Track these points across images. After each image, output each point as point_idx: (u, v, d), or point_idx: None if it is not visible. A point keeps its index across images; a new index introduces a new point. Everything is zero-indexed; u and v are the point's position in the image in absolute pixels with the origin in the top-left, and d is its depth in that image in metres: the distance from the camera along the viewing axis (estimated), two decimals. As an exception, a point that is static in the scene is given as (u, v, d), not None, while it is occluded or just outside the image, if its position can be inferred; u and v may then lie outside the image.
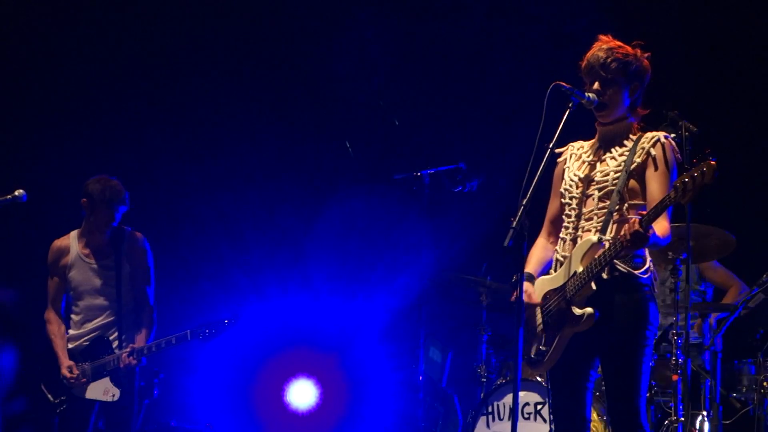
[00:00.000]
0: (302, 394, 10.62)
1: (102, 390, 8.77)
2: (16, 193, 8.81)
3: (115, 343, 8.80)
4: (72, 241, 9.05)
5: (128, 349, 8.66)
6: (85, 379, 8.72)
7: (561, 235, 6.66)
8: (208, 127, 11.98)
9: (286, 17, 12.08)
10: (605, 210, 6.46)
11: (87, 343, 8.85)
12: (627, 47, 6.63)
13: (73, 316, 8.95)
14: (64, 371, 8.70)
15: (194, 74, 12.02)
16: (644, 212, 6.17)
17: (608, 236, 6.37)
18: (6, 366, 9.59)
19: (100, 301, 8.89)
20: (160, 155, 11.62)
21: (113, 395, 8.74)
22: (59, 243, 9.08)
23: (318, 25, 12.04)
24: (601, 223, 6.46)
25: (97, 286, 8.91)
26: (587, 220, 6.52)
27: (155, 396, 9.84)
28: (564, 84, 6.49)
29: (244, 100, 11.98)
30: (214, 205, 11.63)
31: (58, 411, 8.74)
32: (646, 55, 6.67)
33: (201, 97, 11.94)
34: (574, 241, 6.55)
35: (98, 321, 8.88)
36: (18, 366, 9.41)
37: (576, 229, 6.56)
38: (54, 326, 8.91)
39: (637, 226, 6.05)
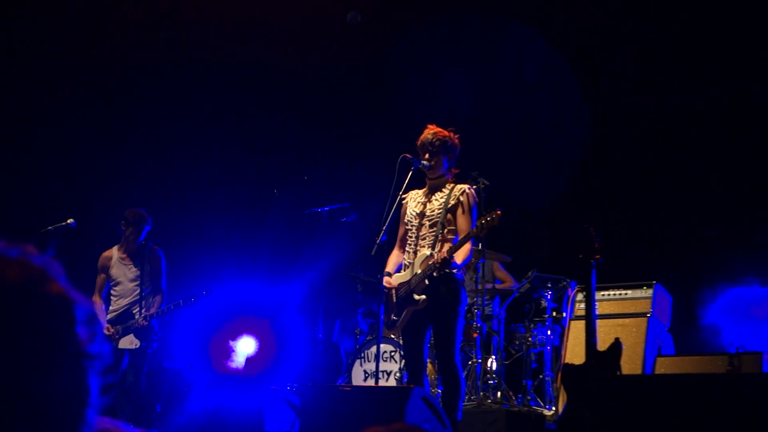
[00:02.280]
0: (247, 345, 10.50)
1: (129, 342, 8.75)
2: (69, 221, 8.73)
3: (137, 314, 8.76)
4: (114, 251, 9.01)
5: (142, 315, 8.69)
6: (117, 336, 8.68)
7: (407, 249, 6.72)
8: (191, 174, 11.84)
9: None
10: (434, 233, 6.55)
11: (119, 313, 8.82)
12: (445, 131, 6.71)
13: (112, 297, 8.92)
14: (104, 330, 8.67)
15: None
16: (454, 244, 6.32)
17: (436, 250, 6.47)
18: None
19: (131, 287, 8.86)
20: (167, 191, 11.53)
21: (135, 344, 8.75)
22: (106, 252, 9.06)
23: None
24: (431, 242, 6.53)
25: (129, 278, 8.89)
26: (422, 239, 6.60)
27: (155, 347, 9.73)
28: (408, 155, 6.62)
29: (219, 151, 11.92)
30: (199, 225, 11.56)
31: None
32: (457, 136, 6.76)
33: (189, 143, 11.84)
34: (415, 252, 6.62)
35: (128, 299, 8.86)
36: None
37: (416, 245, 6.64)
38: (98, 306, 8.85)
39: (445, 254, 6.30)
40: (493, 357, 8.80)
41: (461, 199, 6.56)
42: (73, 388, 1.35)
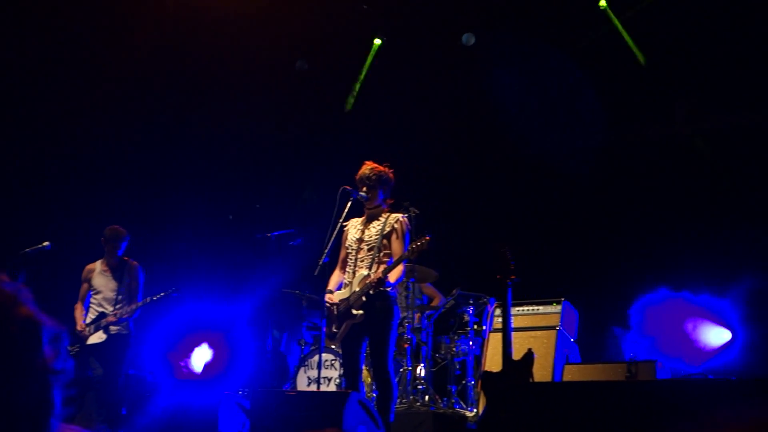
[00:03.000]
0: (203, 354, 10.38)
1: (97, 337, 8.50)
2: (44, 243, 8.52)
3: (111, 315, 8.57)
4: (97, 264, 8.83)
5: (114, 314, 8.52)
6: (89, 333, 8.50)
7: (347, 269, 6.70)
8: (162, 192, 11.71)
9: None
10: (371, 256, 6.56)
11: (96, 316, 8.61)
12: (381, 167, 6.75)
13: (92, 305, 8.68)
14: (78, 328, 8.55)
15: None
16: (389, 265, 6.34)
17: (372, 270, 6.48)
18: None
19: (110, 296, 8.65)
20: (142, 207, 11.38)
21: (102, 338, 8.49)
22: (90, 265, 8.88)
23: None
24: (369, 264, 6.54)
25: (109, 288, 8.68)
26: (361, 261, 6.60)
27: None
28: (348, 187, 6.64)
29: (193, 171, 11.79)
30: (165, 243, 11.41)
31: (72, 353, 8.44)
32: (391, 171, 6.78)
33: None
34: (354, 273, 6.61)
35: (107, 305, 8.62)
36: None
37: (355, 266, 6.64)
38: (78, 312, 8.66)
39: (380, 275, 6.33)
40: (422, 365, 8.76)
41: (395, 226, 6.59)
42: (39, 400, 1.32)
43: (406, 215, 6.87)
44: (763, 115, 9.77)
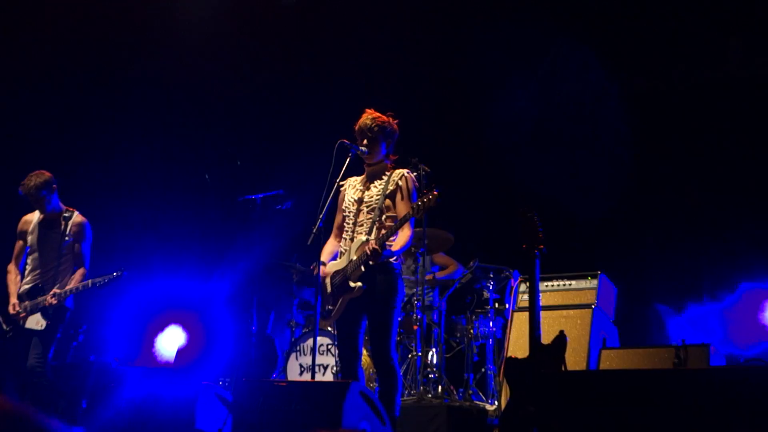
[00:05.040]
0: (176, 337, 10.40)
1: (35, 321, 8.17)
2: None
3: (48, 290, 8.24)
4: (35, 214, 8.45)
5: (54, 294, 8.12)
6: (24, 313, 8.18)
7: (343, 236, 6.70)
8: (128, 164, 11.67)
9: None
10: (371, 219, 6.55)
11: (31, 287, 8.30)
12: (384, 116, 6.71)
13: (27, 267, 8.39)
14: (10, 309, 8.28)
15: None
16: (391, 229, 6.31)
17: (372, 236, 6.47)
18: None
19: (49, 256, 8.32)
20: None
21: (41, 325, 8.14)
22: (27, 216, 8.53)
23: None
24: (369, 228, 6.52)
25: (47, 247, 8.33)
26: (360, 226, 6.59)
27: (80, 340, 9.54)
28: (346, 141, 6.59)
29: (150, 147, 11.72)
30: (127, 216, 11.36)
31: (7, 336, 8.31)
32: (396, 121, 6.74)
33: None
34: (351, 239, 6.60)
35: (44, 270, 8.31)
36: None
37: (353, 232, 6.62)
38: (12, 277, 8.40)
39: (374, 245, 6.31)
40: (434, 350, 8.78)
41: (400, 183, 6.57)
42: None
43: (413, 173, 6.81)
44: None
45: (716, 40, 10.14)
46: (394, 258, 6.47)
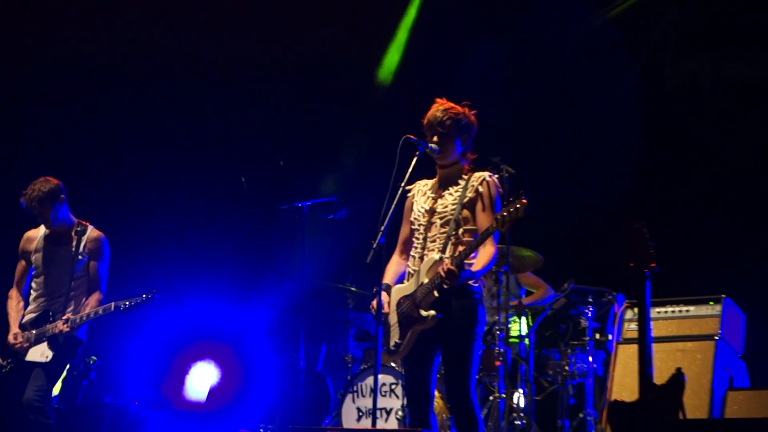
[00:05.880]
0: (207, 374, 10.48)
1: (39, 353, 8.11)
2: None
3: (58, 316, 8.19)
4: (40, 230, 8.47)
5: (65, 320, 8.06)
6: (28, 344, 8.14)
7: (411, 253, 6.68)
8: (146, 168, 11.75)
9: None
10: (445, 234, 6.50)
11: (37, 315, 8.29)
12: (458, 107, 6.68)
13: (32, 293, 8.39)
14: (10, 339, 8.24)
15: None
16: (470, 246, 6.30)
17: (447, 254, 6.42)
18: None
19: (59, 279, 8.30)
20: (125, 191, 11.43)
21: (47, 357, 8.08)
22: (30, 232, 8.54)
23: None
24: (443, 245, 6.48)
25: (55, 267, 8.33)
26: (432, 242, 6.55)
27: (92, 377, 9.61)
28: (412, 137, 6.55)
29: (172, 147, 11.79)
30: (144, 230, 11.44)
31: (3, 371, 8.29)
32: (473, 112, 6.70)
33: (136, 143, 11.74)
34: (421, 258, 6.57)
35: (53, 295, 8.29)
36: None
37: (423, 248, 6.59)
38: (13, 304, 8.41)
39: (449, 265, 6.25)
40: (521, 391, 8.76)
41: (480, 189, 6.53)
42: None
43: (496, 175, 6.79)
44: None
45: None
46: (474, 281, 6.42)
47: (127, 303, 8.04)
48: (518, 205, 6.05)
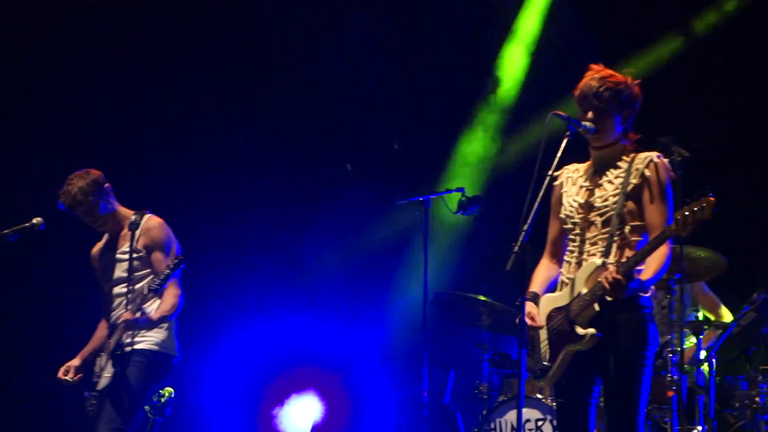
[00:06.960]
0: (309, 409, 10.62)
1: (106, 375, 8.25)
2: (34, 221, 8.57)
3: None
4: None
5: (130, 308, 8.14)
6: (99, 371, 8.24)
7: (566, 258, 6.67)
8: (220, 154, 11.89)
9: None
10: (608, 233, 6.46)
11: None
12: (618, 75, 6.63)
13: (107, 310, 8.57)
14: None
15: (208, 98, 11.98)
16: (639, 250, 6.28)
17: (612, 259, 6.39)
18: None
19: (120, 281, 8.50)
20: (178, 183, 11.56)
21: (109, 374, 8.22)
22: (97, 245, 8.79)
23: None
24: (605, 247, 6.45)
25: (114, 269, 8.52)
26: (592, 244, 6.52)
27: (168, 414, 9.82)
28: (561, 113, 6.53)
29: (255, 130, 11.90)
30: (224, 228, 11.54)
31: (90, 412, 8.36)
32: (636, 82, 6.66)
33: (210, 127, 11.90)
34: (579, 264, 6.54)
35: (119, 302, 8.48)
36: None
37: (581, 252, 6.56)
38: (99, 334, 8.60)
39: (615, 274, 6.18)
40: (700, 428, 8.72)
41: (647, 174, 6.47)
42: None
43: (665, 158, 6.74)
44: None
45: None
46: (646, 291, 6.41)
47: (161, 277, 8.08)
48: (704, 204, 5.93)
